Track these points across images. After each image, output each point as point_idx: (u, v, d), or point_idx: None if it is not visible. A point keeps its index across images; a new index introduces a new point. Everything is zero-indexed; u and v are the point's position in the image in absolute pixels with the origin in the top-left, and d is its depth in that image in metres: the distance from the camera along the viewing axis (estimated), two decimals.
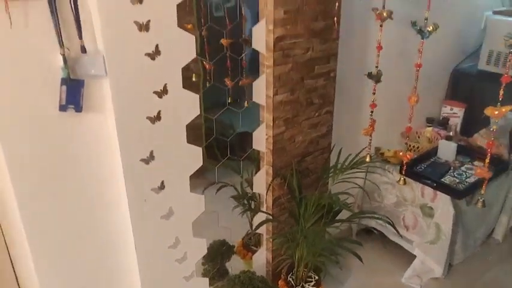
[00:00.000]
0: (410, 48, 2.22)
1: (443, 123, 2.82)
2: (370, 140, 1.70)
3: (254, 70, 1.86)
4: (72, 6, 1.30)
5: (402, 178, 1.59)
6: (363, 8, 2.04)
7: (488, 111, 1.48)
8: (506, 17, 2.61)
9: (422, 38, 1.36)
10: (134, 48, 1.41)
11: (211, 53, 1.86)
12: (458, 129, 2.80)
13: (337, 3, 1.77)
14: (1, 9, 1.18)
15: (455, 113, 2.81)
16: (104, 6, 1.31)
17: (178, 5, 1.45)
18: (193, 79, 1.82)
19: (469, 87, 2.86)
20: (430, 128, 2.78)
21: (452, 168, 2.47)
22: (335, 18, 1.80)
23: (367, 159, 1.73)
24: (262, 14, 1.71)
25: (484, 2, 2.84)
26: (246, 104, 2.00)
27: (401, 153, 1.56)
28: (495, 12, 2.69)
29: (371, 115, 1.65)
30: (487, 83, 2.72)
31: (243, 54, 1.88)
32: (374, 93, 1.61)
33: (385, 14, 1.45)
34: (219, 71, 1.84)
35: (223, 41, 1.88)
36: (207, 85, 1.85)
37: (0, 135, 1.31)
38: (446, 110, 2.85)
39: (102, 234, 1.63)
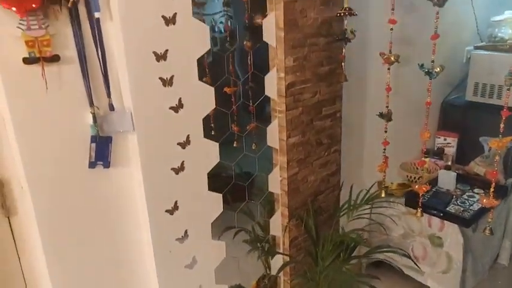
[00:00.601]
0: (404, 84, 2.34)
1: (439, 153, 2.92)
2: (384, 175, 1.76)
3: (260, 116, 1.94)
4: (102, 68, 1.35)
5: (420, 210, 1.65)
6: (360, 52, 2.16)
7: (493, 144, 1.59)
8: (487, 51, 2.79)
9: (430, 79, 1.46)
10: (159, 103, 1.47)
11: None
12: (454, 158, 2.90)
13: (343, 50, 1.87)
14: (38, 75, 1.22)
15: (449, 143, 2.93)
16: (132, 65, 1.37)
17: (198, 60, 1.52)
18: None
19: (459, 117, 3.00)
20: (427, 159, 2.87)
21: (454, 197, 2.55)
22: (342, 64, 1.90)
23: (383, 195, 1.79)
24: (272, 63, 1.80)
25: (464, 38, 3.03)
26: (253, 147, 2.06)
27: (417, 187, 1.62)
28: (476, 47, 2.87)
29: (384, 152, 1.72)
30: (475, 113, 2.88)
31: (250, 101, 1.95)
32: (386, 131, 1.69)
33: (392, 58, 1.55)
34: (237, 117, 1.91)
35: (227, 89, 1.95)
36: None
37: (32, 189, 1.31)
38: (440, 140, 2.97)
39: (128, 286, 1.61)
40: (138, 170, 1.48)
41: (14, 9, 1.12)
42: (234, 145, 2.05)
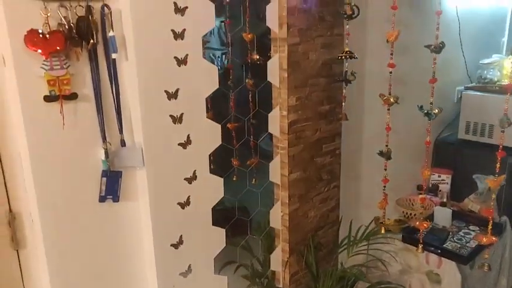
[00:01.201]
0: (398, 122, 2.42)
1: (434, 189, 2.98)
2: (384, 212, 1.81)
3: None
4: (116, 105, 1.41)
5: (421, 247, 1.68)
6: (357, 92, 2.25)
7: (490, 182, 1.65)
8: (478, 92, 2.92)
9: (429, 119, 1.54)
10: (169, 139, 1.52)
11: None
12: (448, 195, 2.96)
13: (344, 90, 1.96)
14: (56, 112, 1.27)
15: (444, 180, 2.99)
16: (145, 103, 1.43)
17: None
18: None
19: (452, 155, 3.08)
20: (423, 195, 2.93)
21: (451, 233, 2.58)
22: (343, 104, 1.98)
23: (382, 231, 1.82)
24: (275, 101, 1.88)
25: (455, 78, 3.16)
26: (253, 182, 2.11)
27: (417, 223, 1.67)
28: (467, 88, 3.00)
29: (384, 189, 1.77)
30: (468, 151, 2.96)
31: (251, 137, 2.01)
32: (385, 169, 1.75)
33: (392, 100, 1.63)
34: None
35: (230, 125, 2.02)
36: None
37: (43, 222, 1.34)
38: (435, 177, 3.03)
39: None
40: (145, 204, 1.51)
41: (39, 51, 1.18)
42: (234, 179, 2.08)
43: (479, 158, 2.94)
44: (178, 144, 1.55)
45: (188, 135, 1.56)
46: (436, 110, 1.51)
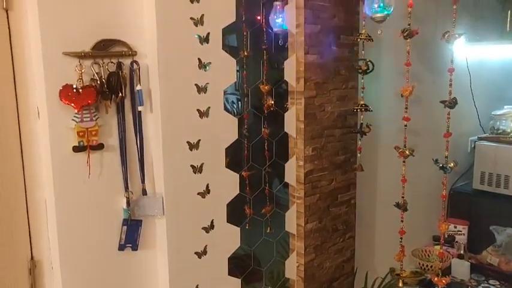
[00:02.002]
0: (412, 173, 2.43)
1: (450, 241, 2.93)
2: (402, 265, 1.78)
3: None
4: (139, 155, 1.46)
5: None
6: (371, 142, 2.29)
7: None
8: (491, 143, 2.93)
9: (445, 173, 1.56)
10: (189, 189, 1.55)
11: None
12: (465, 246, 2.91)
13: (359, 142, 2.00)
14: (83, 161, 1.33)
15: (460, 231, 2.95)
16: (167, 153, 1.48)
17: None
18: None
19: (468, 205, 3.06)
20: (439, 247, 2.88)
21: (470, 287, 2.52)
22: (358, 155, 2.01)
23: (400, 285, 1.79)
24: (292, 151, 1.92)
25: (468, 128, 3.19)
26: (269, 231, 2.10)
27: (436, 279, 1.64)
28: (480, 138, 3.02)
29: (401, 241, 1.76)
30: (483, 201, 2.94)
31: (267, 185, 2.04)
32: (402, 221, 1.74)
33: (407, 152, 1.66)
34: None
35: (244, 174, 2.05)
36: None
37: (63, 270, 1.35)
38: (451, 227, 2.99)
39: None
40: (163, 253, 1.53)
41: (72, 105, 1.25)
42: (250, 228, 2.09)
43: (496, 208, 2.92)
44: (198, 194, 1.58)
45: (207, 184, 1.60)
46: (452, 164, 1.53)
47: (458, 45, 2.10)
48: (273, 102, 1.93)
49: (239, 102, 2.96)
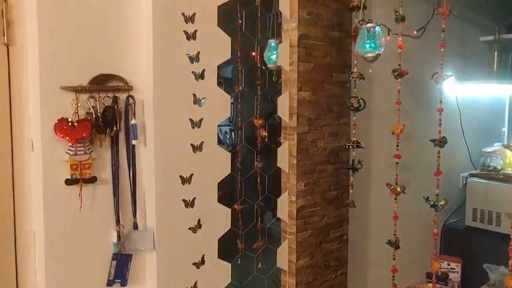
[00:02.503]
0: (403, 208, 2.44)
1: (444, 278, 2.90)
2: None
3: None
4: (131, 189, 1.46)
5: None
6: (364, 178, 2.30)
7: (507, 281, 1.62)
8: (483, 179, 2.96)
9: (436, 211, 1.57)
10: (180, 224, 1.55)
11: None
12: (459, 285, 2.88)
13: (351, 178, 2.02)
14: (75, 194, 1.32)
15: (453, 268, 2.93)
16: (160, 187, 1.48)
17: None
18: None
19: (461, 242, 3.05)
20: (431, 284, 2.84)
21: None
22: (351, 191, 2.02)
23: None
24: (284, 186, 1.92)
25: (458, 165, 3.22)
26: (260, 266, 2.08)
27: None
28: (471, 175, 3.05)
29: (393, 279, 1.75)
30: (476, 238, 2.93)
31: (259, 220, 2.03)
32: (394, 259, 1.74)
33: (398, 189, 1.67)
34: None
35: (237, 207, 2.04)
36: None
37: None
38: (444, 265, 2.97)
39: None
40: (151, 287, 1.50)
41: (67, 138, 1.26)
42: (241, 263, 2.07)
43: (489, 246, 2.90)
44: (189, 229, 1.57)
45: (199, 219, 1.59)
46: (443, 202, 1.55)
47: (447, 84, 2.16)
48: (266, 133, 1.96)
49: (233, 135, 2.99)
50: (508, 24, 3.11)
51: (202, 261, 1.62)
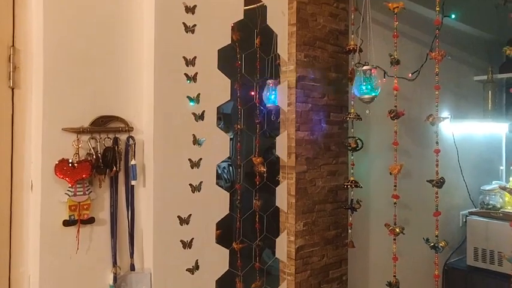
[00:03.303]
0: (402, 248, 2.42)
1: None
2: None
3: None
4: (129, 229, 1.45)
5: None
6: (362, 218, 2.30)
7: None
8: (482, 218, 2.94)
9: (436, 252, 1.55)
10: (178, 265, 1.53)
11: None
12: None
13: (350, 218, 2.01)
14: (72, 235, 1.32)
15: None
16: (158, 228, 1.47)
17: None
18: None
19: (463, 282, 3.00)
20: None
21: None
22: (349, 231, 2.01)
23: None
24: (283, 226, 1.91)
25: (458, 202, 3.22)
26: None
27: None
28: (471, 213, 3.03)
29: None
30: (478, 278, 2.89)
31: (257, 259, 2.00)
32: None
33: (397, 230, 1.66)
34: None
35: (235, 246, 2.02)
36: None
37: None
38: None
39: None
40: None
41: (67, 179, 1.27)
42: None
43: (491, 287, 2.86)
44: (187, 270, 1.55)
45: (197, 260, 1.57)
46: (443, 243, 1.54)
47: (444, 122, 2.19)
48: (265, 171, 1.96)
49: (232, 172, 2.99)
50: (501, 64, 3.19)
51: None
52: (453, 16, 2.15)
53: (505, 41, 2.99)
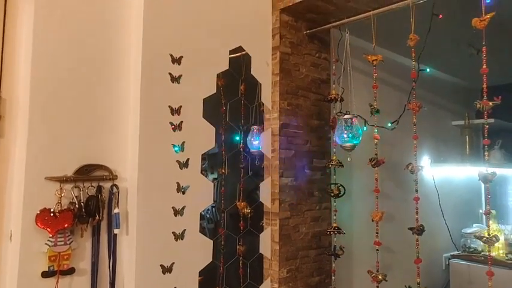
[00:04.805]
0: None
1: None
2: None
3: None
4: (110, 278, 1.43)
5: None
6: (345, 263, 2.29)
7: None
8: (465, 261, 2.97)
9: None
10: None
11: None
12: None
13: (333, 264, 2.01)
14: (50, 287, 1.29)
15: None
16: (140, 277, 1.45)
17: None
18: None
19: None
20: None
21: None
22: (333, 277, 2.00)
23: None
24: (267, 273, 1.90)
25: (440, 244, 3.23)
26: None
27: None
28: (453, 256, 3.05)
29: None
30: None
31: None
32: None
33: (380, 277, 1.67)
34: None
35: None
36: None
37: None
38: None
39: None
40: None
41: (48, 229, 1.25)
42: None
43: None
44: None
45: None
46: None
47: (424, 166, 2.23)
48: (249, 211, 1.94)
49: (215, 217, 2.95)
50: (477, 109, 3.32)
51: None
52: (428, 70, 2.24)
53: (480, 88, 3.13)
